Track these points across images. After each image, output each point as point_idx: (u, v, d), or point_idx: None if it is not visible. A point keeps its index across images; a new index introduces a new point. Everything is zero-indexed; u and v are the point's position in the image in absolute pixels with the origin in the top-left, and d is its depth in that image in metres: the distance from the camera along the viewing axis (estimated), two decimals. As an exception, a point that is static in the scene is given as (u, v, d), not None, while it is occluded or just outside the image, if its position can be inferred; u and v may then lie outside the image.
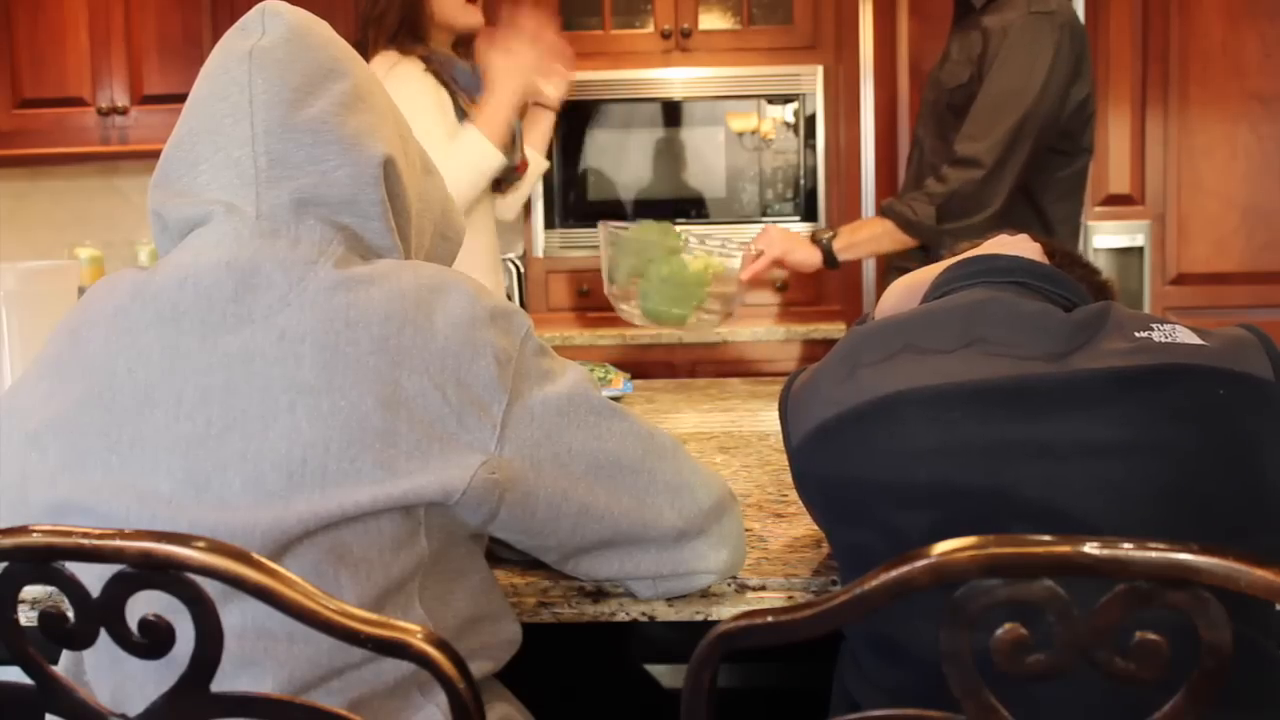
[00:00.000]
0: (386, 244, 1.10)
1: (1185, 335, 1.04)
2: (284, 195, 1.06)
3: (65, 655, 1.08)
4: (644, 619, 1.21)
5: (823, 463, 1.09)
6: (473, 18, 2.63)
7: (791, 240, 2.49)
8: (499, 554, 1.26)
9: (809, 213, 3.80)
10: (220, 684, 0.80)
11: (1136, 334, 1.04)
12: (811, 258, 2.48)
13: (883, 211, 2.49)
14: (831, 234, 2.50)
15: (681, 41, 3.80)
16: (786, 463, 1.27)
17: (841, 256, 2.49)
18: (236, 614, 0.95)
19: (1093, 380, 1.00)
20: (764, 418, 2.14)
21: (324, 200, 1.07)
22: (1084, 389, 1.00)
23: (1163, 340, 1.03)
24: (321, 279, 1.03)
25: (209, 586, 0.78)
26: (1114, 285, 1.34)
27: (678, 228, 2.46)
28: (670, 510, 1.11)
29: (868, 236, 2.49)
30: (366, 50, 2.56)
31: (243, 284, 1.02)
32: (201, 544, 0.78)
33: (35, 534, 0.79)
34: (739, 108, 3.76)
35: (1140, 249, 3.56)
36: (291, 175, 1.06)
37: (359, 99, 1.11)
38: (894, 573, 0.74)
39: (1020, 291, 1.15)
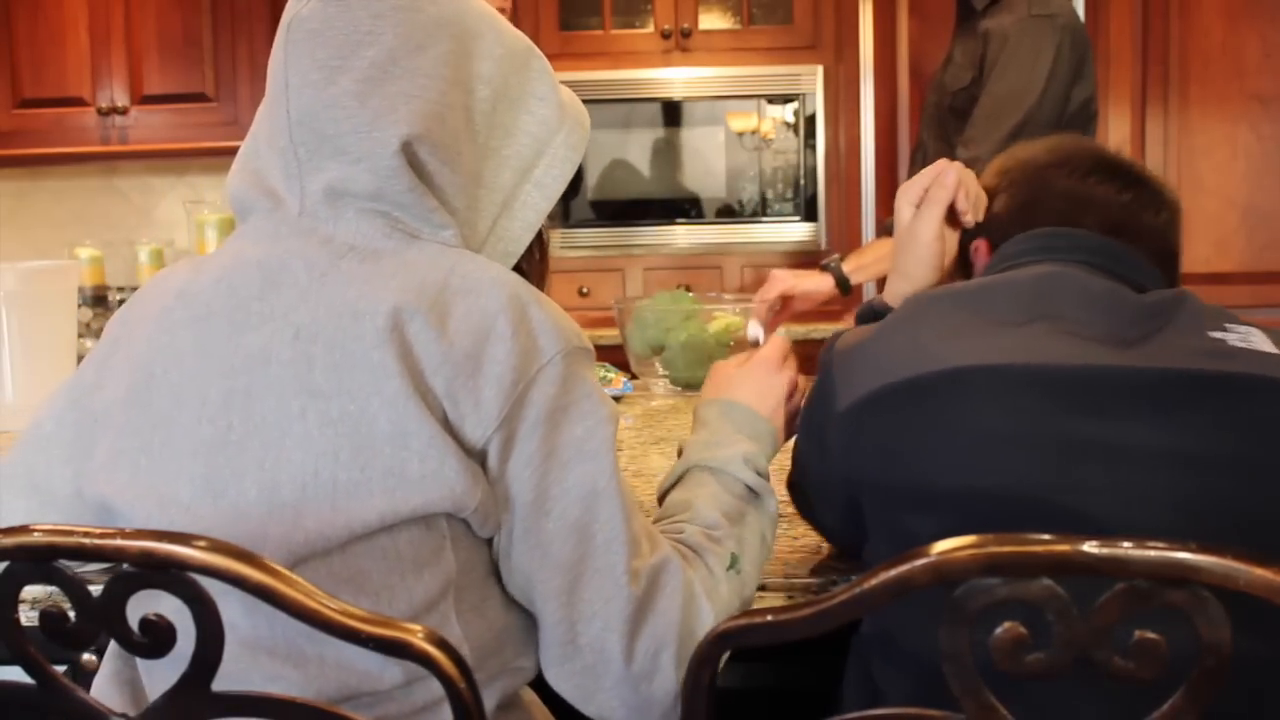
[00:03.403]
0: (435, 224, 1.02)
1: (1261, 341, 1.00)
2: (319, 187, 1.02)
3: (112, 655, 1.08)
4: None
5: (873, 429, 1.04)
6: None
7: (798, 273, 2.50)
8: None
9: (809, 213, 3.81)
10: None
11: (1210, 333, 1.01)
12: (821, 285, 2.46)
13: (886, 230, 2.49)
14: (839, 258, 2.50)
15: (681, 41, 3.80)
16: (789, 461, 1.26)
17: (854, 279, 2.48)
18: (245, 624, 0.94)
19: (1164, 380, 0.97)
20: (764, 417, 2.14)
21: (353, 192, 1.01)
22: (1154, 388, 0.96)
23: (1238, 344, 0.99)
24: (344, 273, 0.99)
25: (211, 587, 0.78)
26: (1178, 206, 1.31)
27: (689, 293, 2.50)
28: (564, 619, 0.99)
29: (874, 257, 2.48)
30: None
31: (269, 281, 1.00)
32: (202, 543, 0.78)
33: (36, 534, 0.79)
34: (739, 108, 3.76)
35: (1140, 249, 3.56)
36: (323, 166, 1.02)
37: (391, 65, 1.02)
38: (893, 571, 0.74)
39: (1088, 270, 1.11)
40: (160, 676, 1.00)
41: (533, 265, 1.15)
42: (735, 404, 1.22)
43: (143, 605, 0.80)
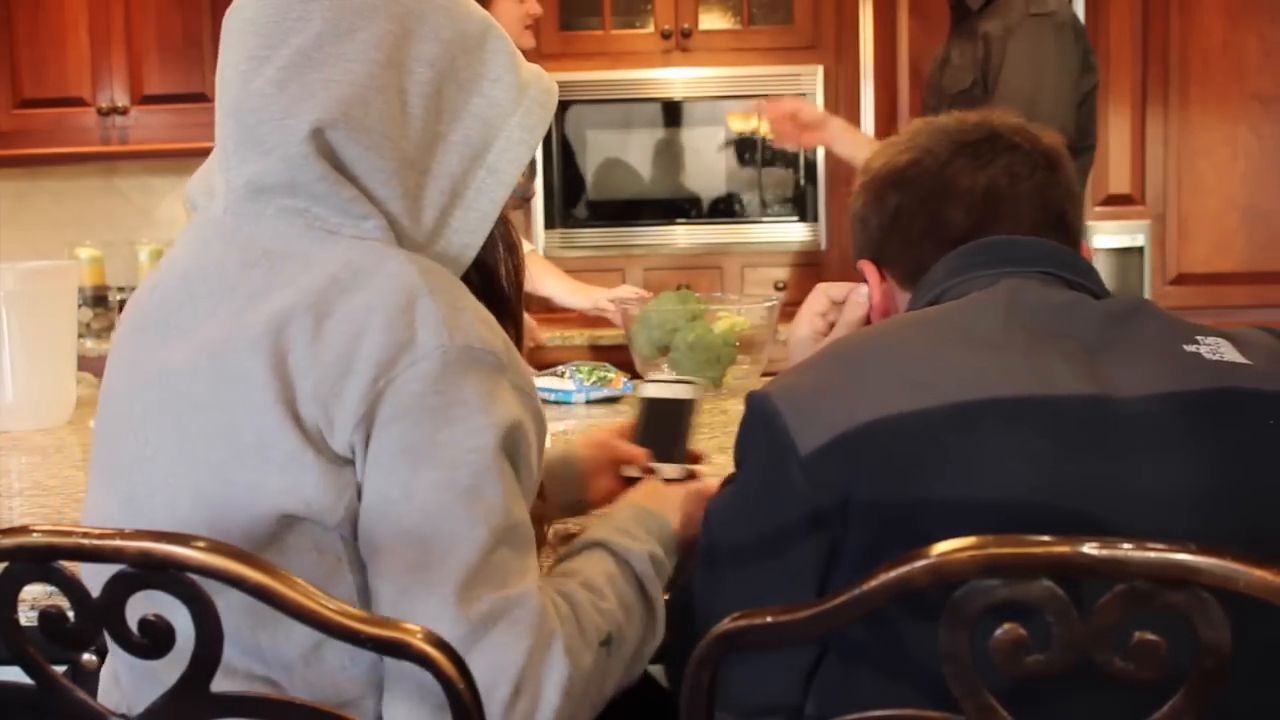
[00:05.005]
0: (354, 215, 0.97)
1: (1230, 351, 0.99)
2: (241, 182, 0.99)
3: (106, 672, 1.08)
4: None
5: (868, 462, 0.93)
6: (528, 42, 2.66)
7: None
8: None
9: (809, 213, 3.81)
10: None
11: (1185, 347, 0.99)
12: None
13: None
14: None
15: (681, 41, 3.79)
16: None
17: None
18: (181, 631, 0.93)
19: (1160, 408, 0.94)
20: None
21: (271, 186, 0.98)
22: (1154, 418, 0.94)
23: (1213, 358, 0.98)
24: (250, 284, 0.96)
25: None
26: (1057, 150, 1.19)
27: (695, 293, 2.49)
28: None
29: None
30: None
31: (188, 293, 0.99)
32: (201, 544, 0.78)
33: (35, 534, 0.79)
34: (739, 108, 3.76)
35: (1140, 249, 3.56)
36: (247, 159, 0.99)
37: (316, 51, 0.98)
38: (893, 573, 0.74)
39: (1046, 281, 1.08)
40: (143, 680, 0.99)
41: (496, 258, 1.09)
42: (657, 515, 1.14)
43: (141, 606, 0.80)
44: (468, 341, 0.93)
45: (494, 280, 1.08)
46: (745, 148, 3.79)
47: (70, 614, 0.80)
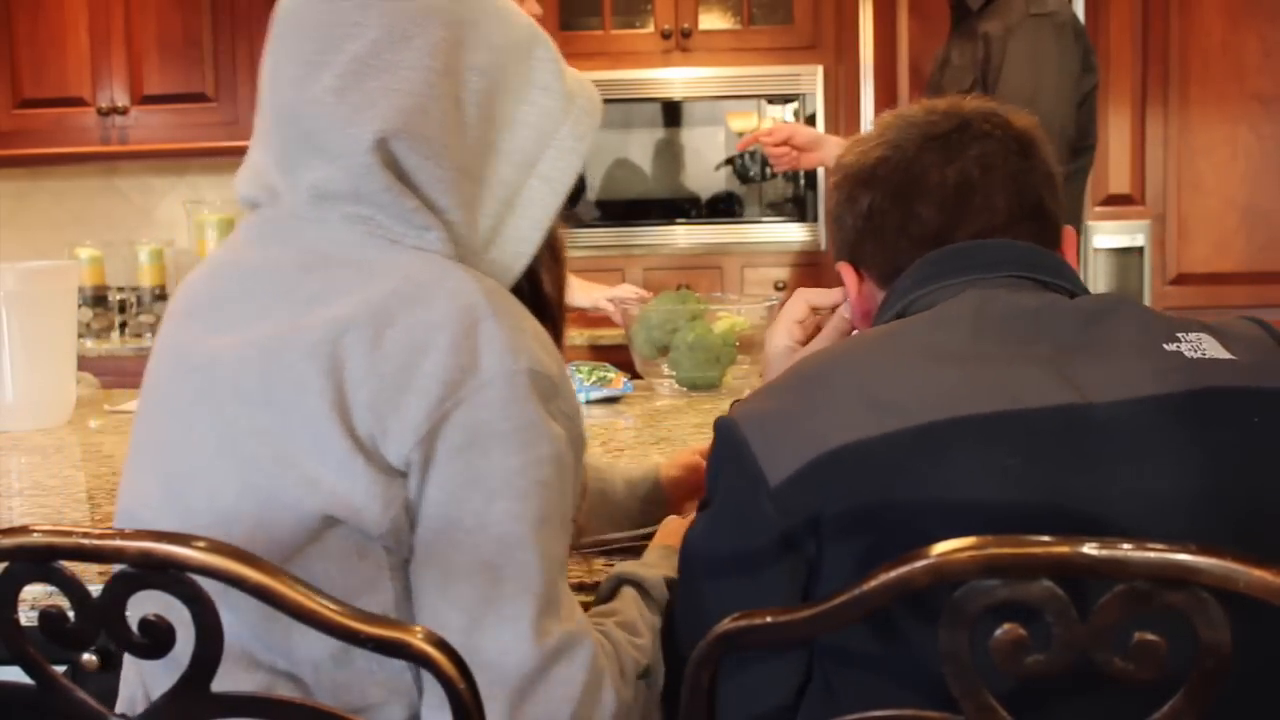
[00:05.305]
0: (416, 225, 0.98)
1: (1212, 347, 0.97)
2: (305, 186, 0.99)
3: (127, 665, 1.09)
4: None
5: (835, 490, 0.91)
6: None
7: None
8: None
9: (809, 214, 3.81)
10: None
11: (1166, 346, 0.96)
12: None
13: None
14: None
15: (681, 41, 3.80)
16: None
17: None
18: None
19: (1141, 412, 0.92)
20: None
21: (334, 193, 0.98)
22: (1133, 422, 0.91)
23: (1194, 355, 0.96)
24: (307, 289, 0.97)
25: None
26: (1030, 133, 1.15)
27: (695, 293, 2.50)
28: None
29: None
30: None
31: (243, 289, 1.00)
32: (201, 544, 0.78)
33: (35, 534, 0.79)
34: (739, 108, 3.76)
35: (1140, 249, 3.56)
36: (309, 165, 0.99)
37: (373, 58, 0.97)
38: (894, 573, 0.74)
39: (1016, 285, 1.05)
40: (158, 676, 1.00)
41: (541, 264, 1.09)
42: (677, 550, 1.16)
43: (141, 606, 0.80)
44: (530, 365, 0.94)
45: (539, 288, 1.09)
46: (744, 151, 3.79)
47: (70, 614, 0.80)
